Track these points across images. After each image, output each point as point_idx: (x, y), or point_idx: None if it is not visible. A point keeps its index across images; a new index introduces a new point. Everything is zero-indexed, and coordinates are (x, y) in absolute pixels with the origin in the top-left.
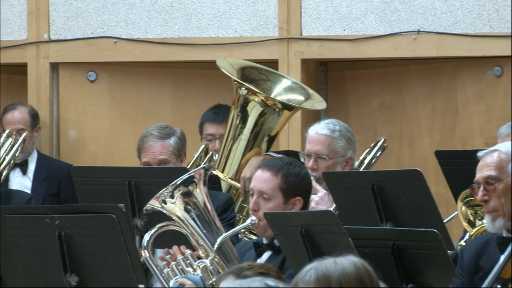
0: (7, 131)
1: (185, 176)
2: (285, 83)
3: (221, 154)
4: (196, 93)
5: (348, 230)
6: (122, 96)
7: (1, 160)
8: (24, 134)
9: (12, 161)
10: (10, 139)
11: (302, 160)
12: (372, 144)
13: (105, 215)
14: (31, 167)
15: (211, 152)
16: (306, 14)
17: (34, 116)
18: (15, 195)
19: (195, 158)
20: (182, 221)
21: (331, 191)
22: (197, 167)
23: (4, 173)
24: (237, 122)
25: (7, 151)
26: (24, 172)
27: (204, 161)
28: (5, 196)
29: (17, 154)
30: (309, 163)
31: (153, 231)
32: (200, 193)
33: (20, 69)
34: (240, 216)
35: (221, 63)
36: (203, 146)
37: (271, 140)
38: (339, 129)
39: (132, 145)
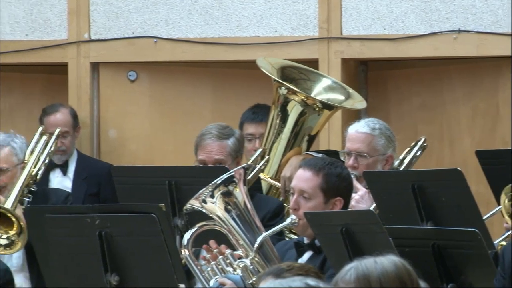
0: (40, 129)
1: (225, 176)
2: (325, 82)
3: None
4: (236, 93)
5: (388, 229)
6: (162, 95)
7: (36, 161)
8: (57, 130)
9: (47, 159)
10: (44, 137)
11: (342, 158)
12: (413, 144)
13: (146, 214)
14: (71, 167)
15: (267, 157)
16: (347, 14)
17: (75, 117)
18: (52, 193)
19: (251, 161)
20: (222, 220)
21: (371, 191)
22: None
23: (39, 172)
24: (277, 121)
25: (41, 151)
26: (65, 172)
27: (261, 164)
28: (42, 195)
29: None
30: (350, 161)
31: (193, 230)
32: (240, 192)
33: (60, 69)
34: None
35: (261, 63)
36: (260, 149)
37: (312, 139)
38: (379, 127)
39: (172, 145)
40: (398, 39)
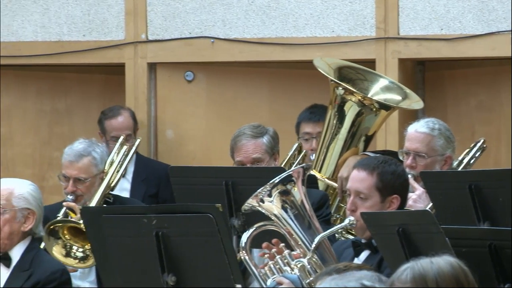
0: (120, 140)
1: (283, 175)
2: (382, 82)
3: (318, 154)
4: (293, 93)
5: (445, 229)
6: (219, 96)
7: (115, 169)
8: (137, 142)
9: (123, 171)
10: (124, 147)
11: (400, 158)
12: (472, 145)
13: (202, 215)
14: (130, 168)
15: (304, 151)
16: (404, 14)
17: (135, 119)
18: (128, 203)
19: (288, 156)
20: (280, 220)
21: (428, 190)
22: (291, 166)
23: (115, 182)
24: (334, 121)
25: (121, 162)
26: (123, 174)
27: (298, 159)
28: (119, 204)
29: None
30: (408, 161)
31: (251, 230)
32: (298, 192)
33: (117, 70)
34: (338, 216)
35: (318, 63)
36: (296, 144)
37: (368, 139)
38: (438, 127)
39: (229, 145)
40: (455, 39)
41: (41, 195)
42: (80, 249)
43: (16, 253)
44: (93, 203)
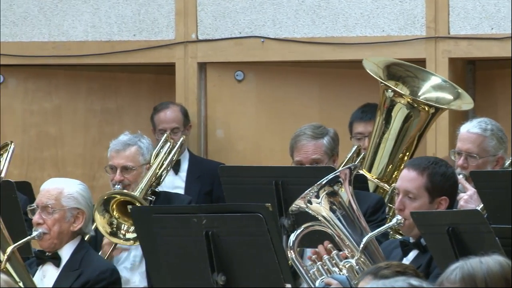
0: (165, 135)
1: (330, 176)
2: (435, 80)
3: (368, 153)
4: (343, 93)
5: (495, 229)
6: (269, 95)
7: (160, 164)
8: (182, 139)
9: (170, 166)
10: (168, 143)
11: (452, 157)
12: None
13: (252, 214)
14: (184, 166)
15: (363, 153)
16: (454, 13)
17: (186, 115)
18: (175, 198)
19: (347, 159)
20: (328, 221)
21: (478, 190)
22: None
23: (163, 176)
24: (384, 122)
25: (165, 155)
26: (176, 172)
27: (357, 161)
28: (165, 198)
29: (174, 158)
30: (460, 161)
31: (299, 231)
32: (346, 192)
33: (168, 69)
34: (387, 216)
35: (366, 64)
36: (355, 147)
37: (418, 140)
38: (491, 128)
39: (279, 145)
40: (506, 38)
41: (91, 194)
42: (131, 229)
43: (65, 253)
44: (138, 191)
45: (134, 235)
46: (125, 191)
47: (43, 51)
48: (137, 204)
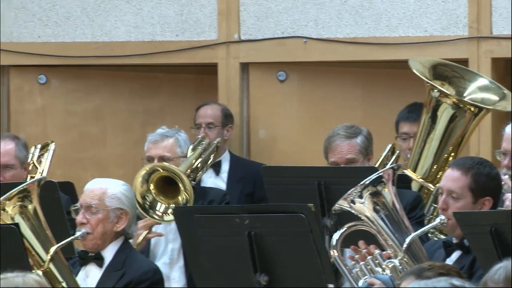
0: (200, 136)
1: (373, 176)
2: (481, 81)
3: (413, 154)
4: (386, 93)
5: None
6: (312, 96)
7: (197, 157)
8: (217, 140)
9: (206, 164)
10: (204, 142)
11: (497, 158)
12: None
13: (295, 214)
14: (225, 167)
15: (397, 152)
16: (497, 13)
17: (226, 115)
18: (210, 191)
19: (382, 157)
20: (371, 221)
21: None
22: (384, 166)
23: (199, 174)
24: (429, 122)
25: (202, 151)
26: (217, 172)
27: (391, 160)
28: (201, 193)
29: (211, 157)
30: (505, 161)
31: (342, 230)
32: (389, 192)
33: (210, 69)
34: (431, 216)
35: (412, 64)
36: (389, 145)
37: (463, 140)
38: None
39: (321, 145)
40: None
41: (134, 195)
42: (170, 210)
43: (108, 253)
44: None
45: (171, 217)
46: (170, 165)
47: (86, 51)
48: (178, 181)
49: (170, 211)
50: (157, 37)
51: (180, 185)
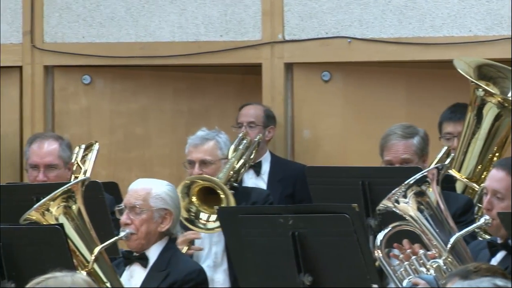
0: (241, 133)
1: (418, 176)
2: None
3: (457, 153)
4: (431, 93)
5: None
6: (356, 96)
7: (238, 158)
8: (258, 137)
9: (247, 163)
10: (245, 140)
11: None
12: None
13: (339, 215)
14: (265, 168)
15: (452, 154)
16: None
17: (269, 116)
18: (253, 192)
19: (437, 159)
20: (415, 220)
21: None
22: None
23: (242, 172)
24: (474, 122)
25: (243, 151)
26: (258, 173)
27: (447, 162)
28: (244, 193)
29: (252, 155)
30: None
31: (386, 230)
32: (433, 192)
33: (254, 70)
34: (476, 216)
35: (457, 64)
36: (445, 148)
37: (508, 140)
38: None
39: (365, 145)
40: None
41: (178, 195)
42: (212, 217)
43: (153, 254)
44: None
45: (216, 224)
46: (209, 176)
47: (130, 52)
48: (219, 190)
49: (213, 217)
50: (201, 38)
51: (221, 194)
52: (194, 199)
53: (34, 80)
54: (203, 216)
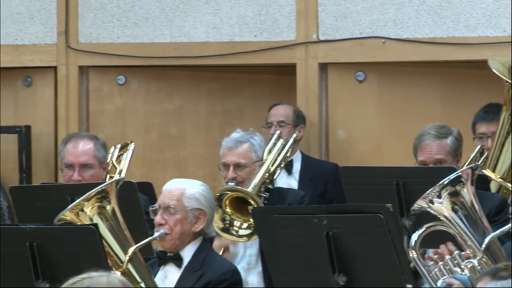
0: (277, 132)
1: (452, 176)
2: None
3: (492, 153)
4: (465, 93)
5: None
6: (391, 96)
7: (273, 160)
8: (294, 135)
9: (283, 162)
10: (282, 140)
11: None
12: None
13: (373, 215)
14: (296, 167)
15: (486, 154)
16: None
17: (298, 115)
18: (288, 193)
19: (470, 159)
20: (450, 221)
21: None
22: None
23: (277, 172)
24: (508, 122)
25: (278, 152)
26: (290, 172)
27: (480, 161)
28: (278, 195)
29: (288, 154)
30: None
31: (421, 231)
32: (468, 192)
33: (288, 70)
34: (510, 216)
35: (492, 64)
36: (478, 147)
37: None
38: None
39: (400, 146)
40: None
41: (212, 195)
42: (244, 225)
43: (187, 254)
44: (251, 186)
45: (247, 231)
46: (237, 187)
47: (165, 52)
48: (249, 199)
49: (244, 225)
50: (235, 38)
51: (253, 203)
52: (227, 209)
53: (68, 80)
54: (237, 223)
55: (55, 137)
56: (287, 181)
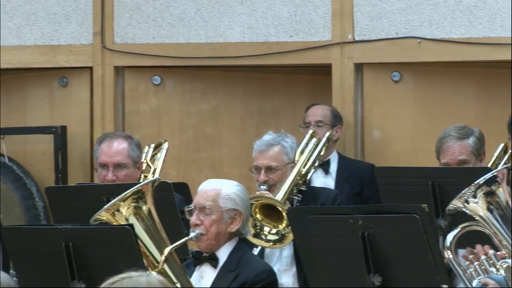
0: (310, 132)
1: (488, 176)
2: None
3: None
4: (500, 93)
5: None
6: (426, 96)
7: (305, 162)
8: (328, 134)
9: (317, 161)
10: (314, 139)
11: None
12: None
13: (408, 215)
14: (333, 166)
15: (510, 151)
16: None
17: (336, 116)
18: (321, 192)
19: (494, 157)
20: (485, 220)
21: None
22: (496, 166)
23: (310, 172)
24: None
25: (311, 152)
26: (326, 171)
27: (504, 159)
28: (311, 194)
29: (322, 152)
30: None
31: (456, 231)
32: (503, 192)
33: (324, 70)
34: None
35: None
36: (502, 145)
37: None
38: None
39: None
40: None
41: (248, 195)
42: (273, 230)
43: (223, 254)
44: (282, 191)
45: (275, 237)
46: (265, 194)
47: (200, 52)
48: (278, 206)
49: (273, 230)
50: (271, 38)
51: (281, 211)
52: (257, 216)
53: (104, 80)
54: (266, 229)
55: (91, 137)
56: (324, 181)
